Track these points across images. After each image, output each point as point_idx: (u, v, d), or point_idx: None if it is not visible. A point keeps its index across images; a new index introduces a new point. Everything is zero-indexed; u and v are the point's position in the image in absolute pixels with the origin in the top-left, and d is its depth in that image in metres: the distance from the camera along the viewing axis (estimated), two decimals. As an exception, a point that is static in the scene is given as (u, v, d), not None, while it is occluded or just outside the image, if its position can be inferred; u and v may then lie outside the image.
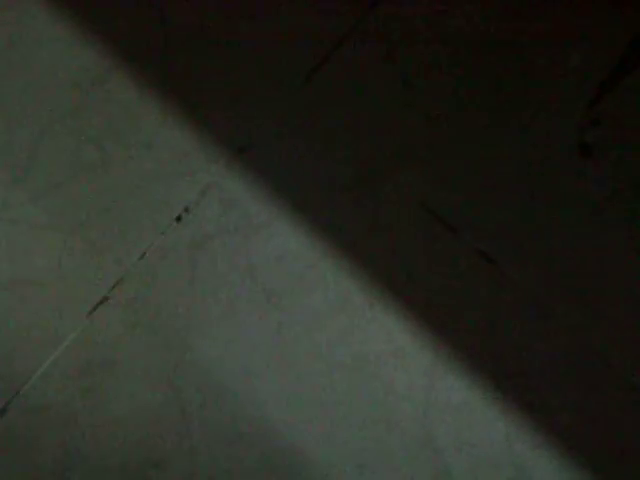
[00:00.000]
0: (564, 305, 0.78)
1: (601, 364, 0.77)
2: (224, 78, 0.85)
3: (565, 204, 0.81)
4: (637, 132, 0.82)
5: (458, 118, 0.83)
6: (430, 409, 0.77)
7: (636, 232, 0.79)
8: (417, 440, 0.77)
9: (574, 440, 0.75)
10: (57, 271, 0.81)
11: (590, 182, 0.81)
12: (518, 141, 0.83)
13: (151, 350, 0.80)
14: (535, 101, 0.84)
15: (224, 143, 0.83)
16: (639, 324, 0.77)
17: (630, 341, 0.77)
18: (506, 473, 0.75)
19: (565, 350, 0.77)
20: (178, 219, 0.82)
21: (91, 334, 0.80)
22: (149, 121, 0.84)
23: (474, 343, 0.78)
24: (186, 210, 0.82)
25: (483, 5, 0.87)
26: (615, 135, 0.82)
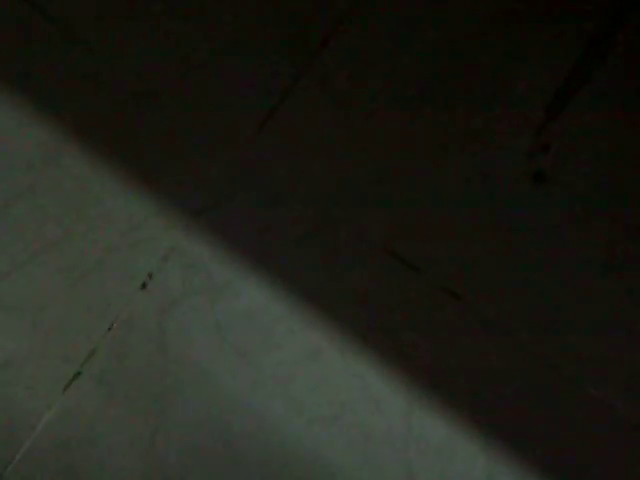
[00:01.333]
0: (532, 334, 0.79)
1: (575, 390, 0.77)
2: (175, 140, 0.86)
3: (522, 232, 0.81)
4: (588, 154, 0.83)
5: (409, 156, 0.84)
6: (411, 451, 0.77)
7: (594, 254, 0.79)
8: (401, 484, 0.77)
9: (557, 472, 0.75)
10: (27, 351, 0.81)
11: (546, 208, 0.82)
12: (471, 174, 0.83)
13: (129, 421, 0.80)
14: (485, 131, 0.85)
15: (181, 206, 0.84)
16: (608, 347, 0.77)
17: (602, 365, 0.77)
18: (491, 510, 0.75)
19: (538, 379, 0.78)
20: (143, 286, 0.82)
21: (67, 411, 0.80)
22: (105, 192, 0.85)
23: (447, 380, 0.78)
24: (150, 277, 0.82)
25: (427, 42, 0.88)
26: (566, 159, 0.83)
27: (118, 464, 0.79)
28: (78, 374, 0.81)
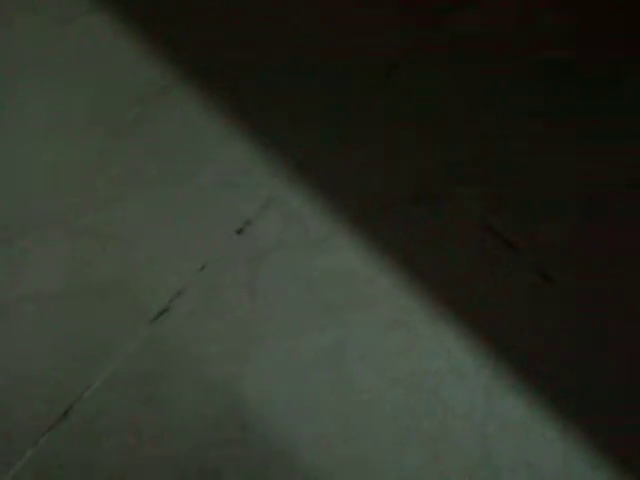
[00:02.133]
0: (625, 324, 0.78)
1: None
2: (286, 94, 0.86)
3: (623, 225, 0.81)
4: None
5: (519, 138, 0.84)
6: (488, 428, 0.77)
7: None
8: (475, 459, 0.77)
9: (634, 461, 0.75)
10: (120, 281, 0.82)
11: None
12: (577, 162, 0.83)
13: (211, 361, 0.80)
14: (597, 125, 0.85)
15: (285, 158, 0.84)
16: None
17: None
18: (565, 494, 0.75)
19: (626, 369, 0.77)
20: (239, 232, 0.83)
21: (152, 343, 0.81)
22: (212, 135, 0.85)
23: (533, 362, 0.78)
24: (247, 223, 0.83)
25: (558, 29, 0.88)
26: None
27: (195, 402, 0.80)
28: (167, 309, 0.82)
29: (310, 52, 0.88)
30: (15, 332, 0.83)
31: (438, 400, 0.78)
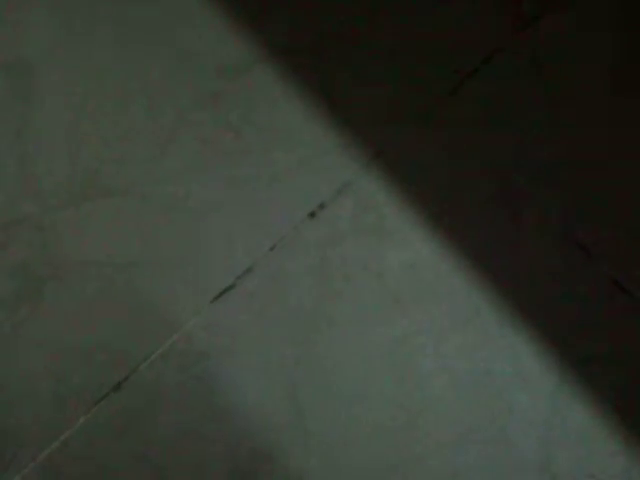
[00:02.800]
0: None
1: None
2: (370, 82, 0.85)
3: None
4: None
5: (604, 143, 0.83)
6: (551, 434, 0.76)
7: None
8: (534, 464, 0.76)
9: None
10: (185, 254, 0.81)
11: None
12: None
13: (273, 343, 0.79)
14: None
15: (364, 145, 0.83)
16: None
17: None
18: (626, 508, 0.74)
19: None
20: (312, 215, 0.82)
21: (214, 320, 0.80)
22: (291, 115, 0.84)
23: (601, 372, 0.77)
24: (321, 207, 0.82)
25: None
26: None
27: (253, 383, 0.79)
28: (231, 287, 0.81)
29: (394, 46, 0.87)
30: (75, 298, 0.81)
31: (501, 403, 0.77)
